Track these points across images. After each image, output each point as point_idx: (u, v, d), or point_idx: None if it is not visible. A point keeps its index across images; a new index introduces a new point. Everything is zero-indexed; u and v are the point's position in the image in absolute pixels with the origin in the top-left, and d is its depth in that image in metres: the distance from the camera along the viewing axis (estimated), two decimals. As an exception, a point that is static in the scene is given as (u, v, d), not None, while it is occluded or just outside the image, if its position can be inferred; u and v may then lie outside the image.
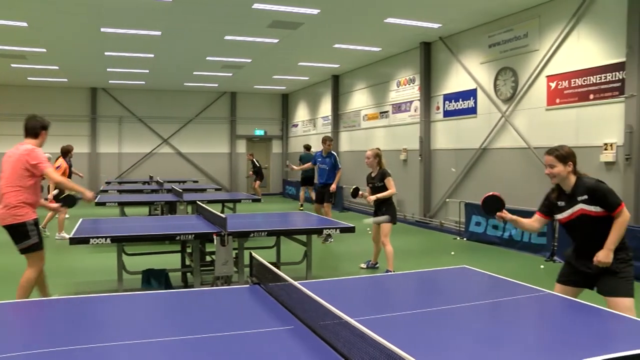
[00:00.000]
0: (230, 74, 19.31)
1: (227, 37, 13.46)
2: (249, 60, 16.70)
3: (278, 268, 3.60)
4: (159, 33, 12.96)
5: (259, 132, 25.09)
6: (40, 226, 5.83)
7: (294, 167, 13.77)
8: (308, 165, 13.19)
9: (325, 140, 11.93)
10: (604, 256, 3.87)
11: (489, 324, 3.01)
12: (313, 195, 14.62)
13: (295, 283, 3.07)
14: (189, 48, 14.87)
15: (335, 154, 12.03)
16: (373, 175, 8.32)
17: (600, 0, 9.43)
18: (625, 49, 8.82)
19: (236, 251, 6.50)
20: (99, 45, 14.28)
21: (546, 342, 2.71)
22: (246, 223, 7.12)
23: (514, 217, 4.31)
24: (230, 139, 24.55)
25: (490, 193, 4.31)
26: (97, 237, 5.68)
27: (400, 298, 3.74)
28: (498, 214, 4.20)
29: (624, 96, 8.87)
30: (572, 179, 4.08)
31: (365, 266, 8.80)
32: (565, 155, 4.09)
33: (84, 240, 5.65)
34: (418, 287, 4.11)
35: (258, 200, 12.56)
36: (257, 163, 21.23)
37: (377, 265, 8.74)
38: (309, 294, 2.81)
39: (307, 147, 16.59)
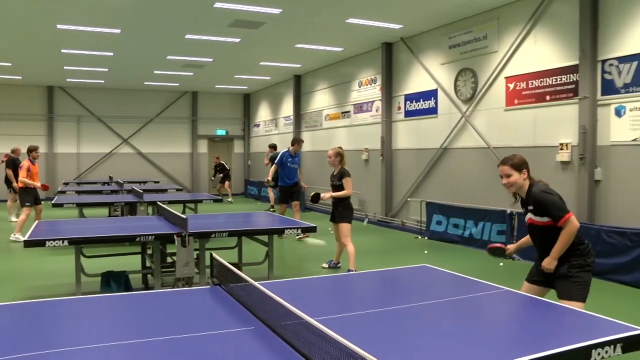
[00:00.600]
0: (192, 74, 19.12)
1: (188, 36, 13.33)
2: (210, 60, 16.57)
3: (239, 269, 3.58)
4: (118, 31, 12.74)
5: (221, 132, 24.92)
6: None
7: (269, 178, 13.06)
8: (274, 167, 13.07)
9: (299, 141, 12.01)
10: (547, 263, 4.00)
11: (449, 321, 3.05)
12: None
13: (256, 283, 3.07)
14: (149, 47, 14.68)
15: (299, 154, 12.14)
16: (334, 173, 8.36)
17: (554, 6, 9.67)
18: (578, 53, 9.06)
19: (197, 252, 6.45)
20: (55, 42, 13.96)
21: (505, 338, 2.78)
22: (207, 223, 7.07)
23: (517, 244, 4.56)
24: (191, 138, 24.32)
25: (490, 246, 4.75)
26: (54, 240, 5.55)
27: (361, 297, 3.76)
28: (506, 253, 4.60)
29: (577, 98, 9.11)
30: (527, 186, 4.13)
31: (327, 266, 8.82)
32: (519, 163, 4.10)
33: (40, 243, 5.52)
34: (379, 286, 4.14)
35: (219, 201, 12.48)
36: (226, 165, 21.16)
37: (339, 265, 8.77)
38: (269, 294, 2.81)
39: (274, 147, 16.48)
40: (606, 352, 2.51)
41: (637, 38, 8.35)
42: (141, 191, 11.00)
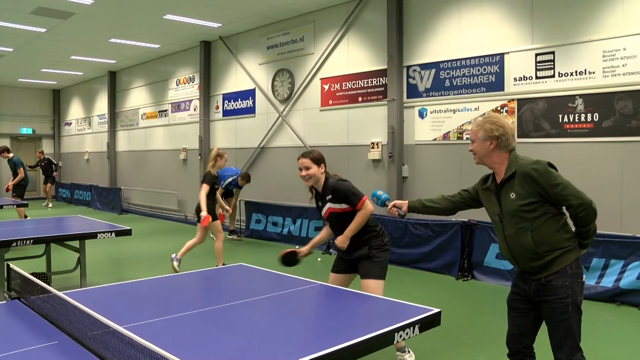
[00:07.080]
0: (-13, 64, 17.31)
1: (-21, 20, 11.96)
2: (10, 50, 15.07)
3: (47, 279, 3.32)
4: None
5: (27, 131, 22.92)
6: None
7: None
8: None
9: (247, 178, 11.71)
10: (340, 242, 4.27)
11: (263, 318, 3.09)
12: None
13: (60, 293, 2.86)
14: None
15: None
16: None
17: (365, 13, 10.26)
18: (387, 58, 9.70)
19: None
20: None
21: (315, 330, 2.89)
22: (9, 231, 6.48)
23: (310, 245, 4.54)
24: (-10, 137, 22.04)
25: (281, 254, 4.50)
26: None
27: (179, 299, 3.68)
28: (299, 257, 4.48)
29: (386, 100, 9.75)
30: (323, 179, 4.35)
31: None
32: (318, 157, 4.33)
33: None
34: (197, 287, 4.10)
35: (25, 205, 11.51)
36: (53, 160, 19.10)
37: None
38: (74, 304, 2.64)
39: (7, 149, 13.15)
40: (407, 333, 2.74)
41: (435, 48, 9.18)
42: None
